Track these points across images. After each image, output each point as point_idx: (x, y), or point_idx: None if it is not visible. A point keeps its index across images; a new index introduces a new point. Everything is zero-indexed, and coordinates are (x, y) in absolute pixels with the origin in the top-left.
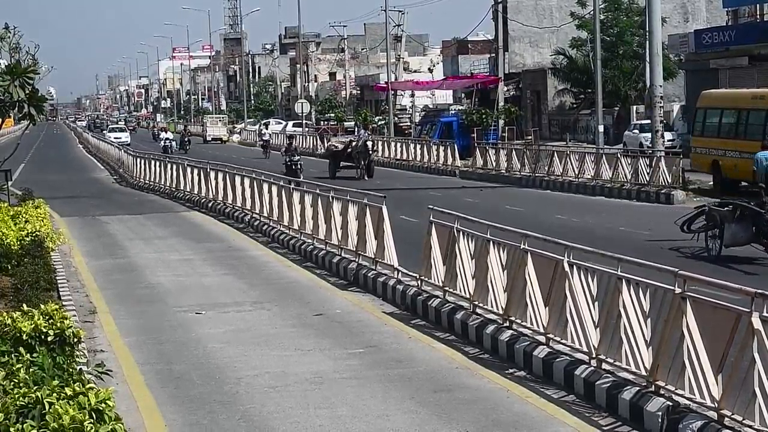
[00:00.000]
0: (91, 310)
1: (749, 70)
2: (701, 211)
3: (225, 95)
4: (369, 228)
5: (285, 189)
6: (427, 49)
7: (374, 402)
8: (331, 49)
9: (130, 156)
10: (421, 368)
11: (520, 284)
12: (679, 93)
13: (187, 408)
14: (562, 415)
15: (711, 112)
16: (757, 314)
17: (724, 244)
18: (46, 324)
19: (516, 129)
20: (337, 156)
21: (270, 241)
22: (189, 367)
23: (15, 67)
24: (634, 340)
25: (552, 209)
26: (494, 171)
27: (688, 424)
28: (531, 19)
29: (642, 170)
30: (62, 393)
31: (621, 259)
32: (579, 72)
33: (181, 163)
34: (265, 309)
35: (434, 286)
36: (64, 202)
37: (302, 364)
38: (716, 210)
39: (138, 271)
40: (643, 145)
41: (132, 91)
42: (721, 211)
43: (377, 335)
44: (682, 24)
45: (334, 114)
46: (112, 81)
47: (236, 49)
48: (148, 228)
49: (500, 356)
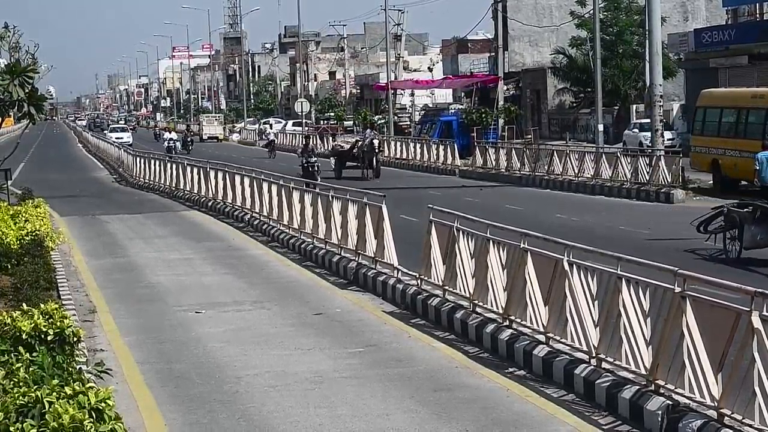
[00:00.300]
0: (91, 309)
1: (749, 69)
2: (719, 212)
3: (225, 94)
4: (369, 227)
5: (284, 188)
6: (427, 49)
7: (374, 401)
8: (331, 49)
9: (129, 155)
10: (420, 367)
11: (520, 283)
12: (679, 92)
13: (187, 407)
14: (562, 414)
15: (711, 112)
16: (756, 313)
17: (744, 246)
18: (45, 323)
19: (516, 128)
20: (343, 156)
21: (270, 240)
22: (189, 367)
23: (15, 66)
24: (633, 339)
25: (552, 208)
26: (494, 170)
27: (687, 423)
28: (531, 18)
29: (642, 169)
30: (62, 392)
31: (621, 258)
32: (579, 71)
33: (181, 163)
34: (265, 308)
35: (434, 286)
36: (63, 201)
37: (302, 363)
38: (735, 211)
39: (138, 271)
40: (642, 144)
41: (132, 91)
42: (740, 212)
43: (377, 334)
44: (681, 23)
45: (333, 113)
46: (111, 80)
47: (236, 48)
48: (148, 227)
49: (500, 355)
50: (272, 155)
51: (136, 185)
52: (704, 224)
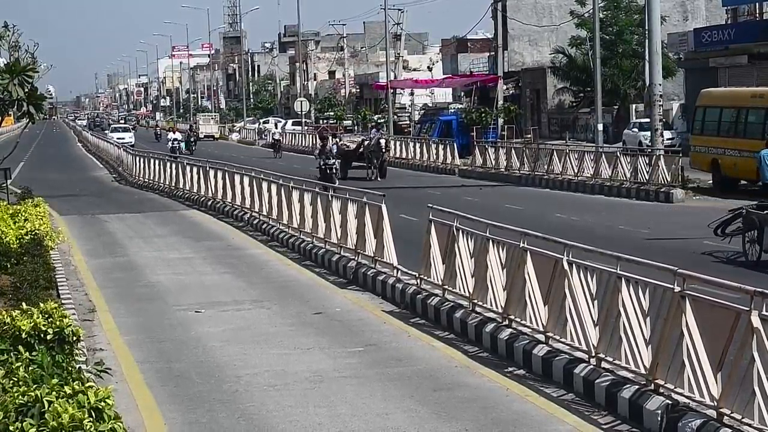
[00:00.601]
0: (91, 308)
1: (748, 68)
2: (737, 214)
3: (224, 94)
4: (368, 226)
5: (284, 188)
6: (427, 48)
7: (374, 400)
8: (331, 48)
9: (129, 154)
10: (420, 367)
11: (520, 283)
12: (679, 91)
13: (187, 406)
14: (562, 413)
15: (710, 111)
16: (756, 313)
17: (764, 249)
18: (45, 322)
19: (515, 128)
20: (349, 156)
21: (269, 239)
22: (188, 366)
23: (14, 66)
24: (633, 339)
25: (551, 208)
26: (493, 169)
27: (687, 422)
28: (530, 17)
29: (641, 169)
30: (61, 391)
31: (620, 257)
32: (578, 70)
33: (181, 162)
34: (264, 307)
35: (434, 285)
36: (63, 200)
37: (302, 362)
38: (755, 213)
39: (137, 270)
40: (642, 144)
41: (131, 90)
42: (760, 214)
43: (377, 334)
44: (681, 22)
45: (333, 112)
46: (111, 80)
47: (236, 47)
48: (147, 226)
49: (500, 355)
50: (278, 155)
51: (136, 184)
52: (722, 226)
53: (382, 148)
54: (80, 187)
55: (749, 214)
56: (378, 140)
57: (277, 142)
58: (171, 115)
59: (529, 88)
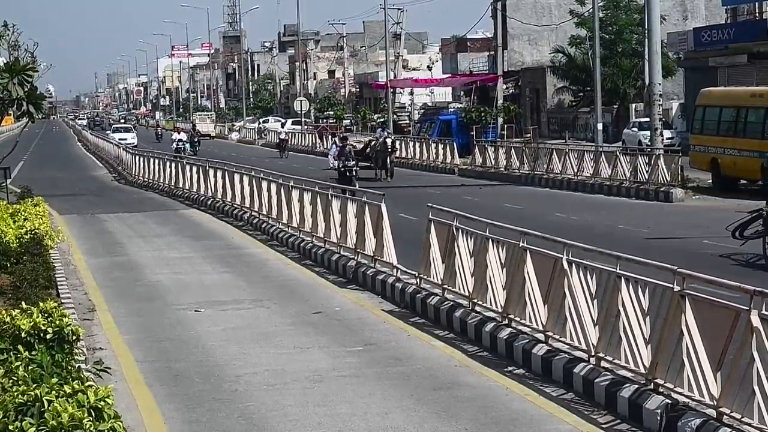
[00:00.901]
0: (90, 308)
1: (748, 68)
2: (757, 216)
3: (224, 93)
4: (368, 226)
5: (284, 187)
6: (426, 47)
7: (373, 400)
8: (330, 47)
9: (129, 154)
10: (420, 366)
11: (519, 282)
12: (678, 91)
13: (186, 406)
14: (561, 413)
15: (710, 110)
16: (756, 312)
17: None
18: (45, 322)
19: (515, 127)
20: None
21: (269, 239)
22: (188, 365)
23: (14, 65)
24: (633, 338)
25: (551, 207)
26: (493, 169)
27: (687, 421)
28: (530, 17)
29: (641, 168)
30: (61, 391)
31: (620, 257)
32: (578, 70)
33: (181, 161)
34: (264, 307)
35: (433, 284)
36: (63, 199)
37: (301, 362)
38: None
39: (137, 269)
40: (642, 143)
41: (131, 89)
42: None
43: (376, 333)
44: (681, 22)
45: (333, 112)
46: (111, 79)
47: (235, 47)
48: (147, 226)
49: (499, 354)
50: (284, 155)
51: (136, 184)
52: (740, 229)
53: (389, 147)
54: (80, 187)
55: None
56: (385, 140)
57: (283, 142)
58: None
59: (529, 87)
